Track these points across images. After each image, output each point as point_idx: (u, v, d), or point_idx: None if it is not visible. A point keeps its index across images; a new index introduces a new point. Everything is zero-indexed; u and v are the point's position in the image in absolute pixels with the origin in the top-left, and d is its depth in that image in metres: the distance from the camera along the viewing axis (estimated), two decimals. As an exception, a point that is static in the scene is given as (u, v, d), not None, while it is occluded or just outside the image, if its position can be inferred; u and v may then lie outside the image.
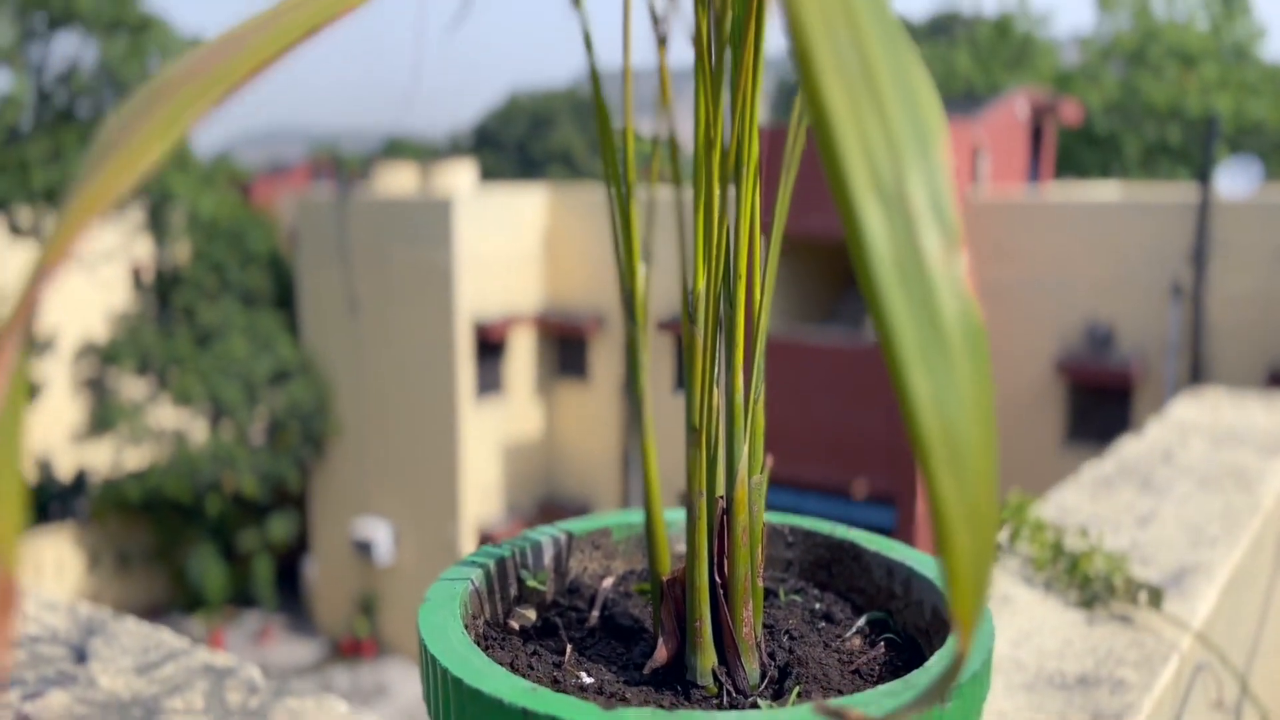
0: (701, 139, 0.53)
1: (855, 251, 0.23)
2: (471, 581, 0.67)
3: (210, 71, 0.29)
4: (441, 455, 15.45)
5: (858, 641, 0.68)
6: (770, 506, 0.70)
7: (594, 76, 0.56)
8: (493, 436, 15.71)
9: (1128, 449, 2.26)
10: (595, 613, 0.71)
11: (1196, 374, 11.70)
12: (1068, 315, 12.56)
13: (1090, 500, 1.84)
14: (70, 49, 15.35)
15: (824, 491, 12.48)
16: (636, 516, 0.77)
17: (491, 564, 0.70)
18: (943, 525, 0.21)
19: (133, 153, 0.27)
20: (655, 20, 0.50)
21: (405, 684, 15.46)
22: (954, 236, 0.23)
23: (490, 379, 15.69)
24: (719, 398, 0.62)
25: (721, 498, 0.63)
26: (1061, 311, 12.57)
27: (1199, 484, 1.95)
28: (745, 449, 0.62)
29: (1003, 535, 1.56)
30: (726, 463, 0.62)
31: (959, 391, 0.23)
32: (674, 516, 0.74)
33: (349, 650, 16.39)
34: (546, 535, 0.75)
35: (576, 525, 0.77)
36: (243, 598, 17.55)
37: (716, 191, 0.54)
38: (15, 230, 15.11)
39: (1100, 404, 12.56)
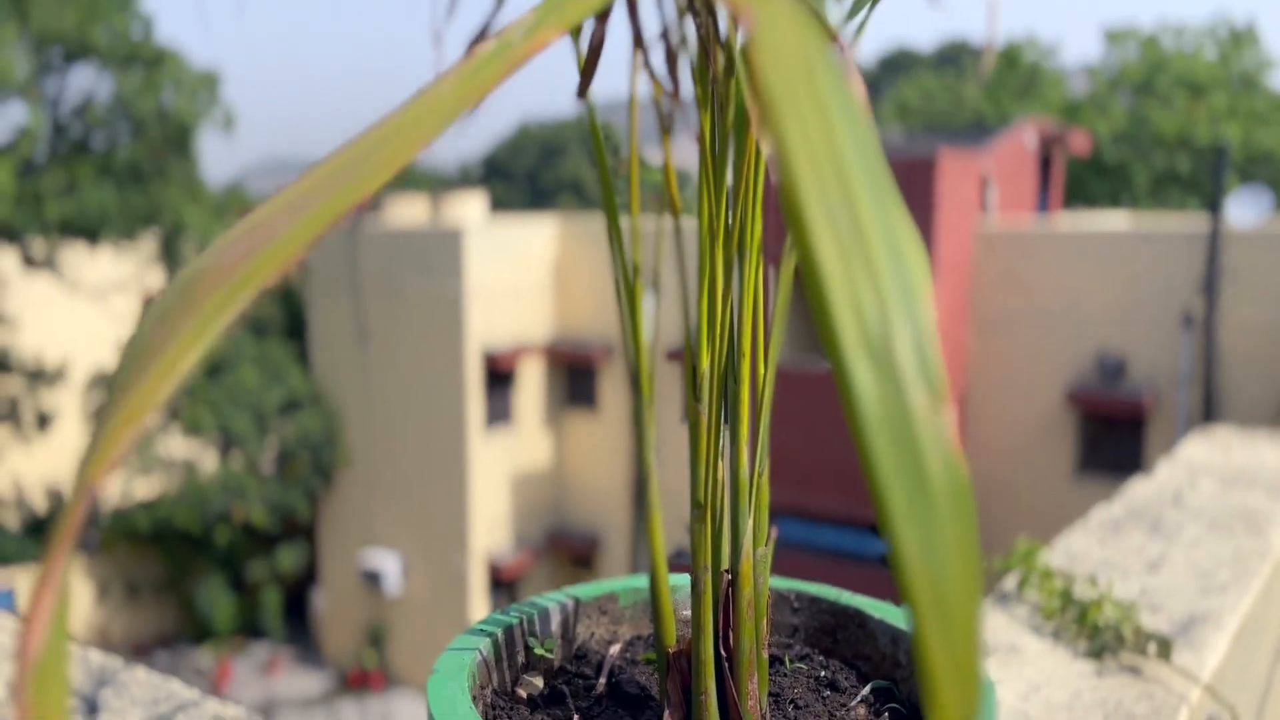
0: (705, 227, 0.54)
1: (846, 407, 0.24)
2: (480, 651, 0.68)
3: (242, 268, 0.30)
4: (450, 485, 15.44)
5: (862, 711, 0.69)
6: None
7: (602, 168, 0.57)
8: (502, 467, 15.71)
9: (1137, 490, 2.25)
10: (602, 680, 0.71)
11: (1209, 404, 11.65)
12: (1078, 345, 12.53)
13: (1099, 544, 1.83)
14: (85, 82, 15.53)
15: (835, 522, 12.43)
16: (642, 581, 0.78)
17: (499, 632, 0.71)
18: (930, 679, 0.22)
19: (169, 361, 0.28)
20: (661, 117, 0.51)
21: (413, 717, 15.39)
22: (939, 393, 0.24)
23: (499, 409, 15.71)
24: (724, 471, 0.63)
25: (727, 571, 0.64)
26: (1072, 341, 12.55)
27: (1209, 527, 1.95)
28: (750, 522, 0.63)
29: (1011, 583, 1.56)
30: (731, 536, 0.63)
31: (945, 545, 0.24)
32: (680, 581, 0.75)
33: (357, 682, 16.32)
34: (554, 601, 0.76)
35: (584, 590, 0.77)
36: (251, 628, 17.51)
37: (720, 276, 0.55)
38: (29, 261, 15.23)
39: (1112, 435, 12.51)
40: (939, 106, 25.04)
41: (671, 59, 0.49)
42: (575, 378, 16.35)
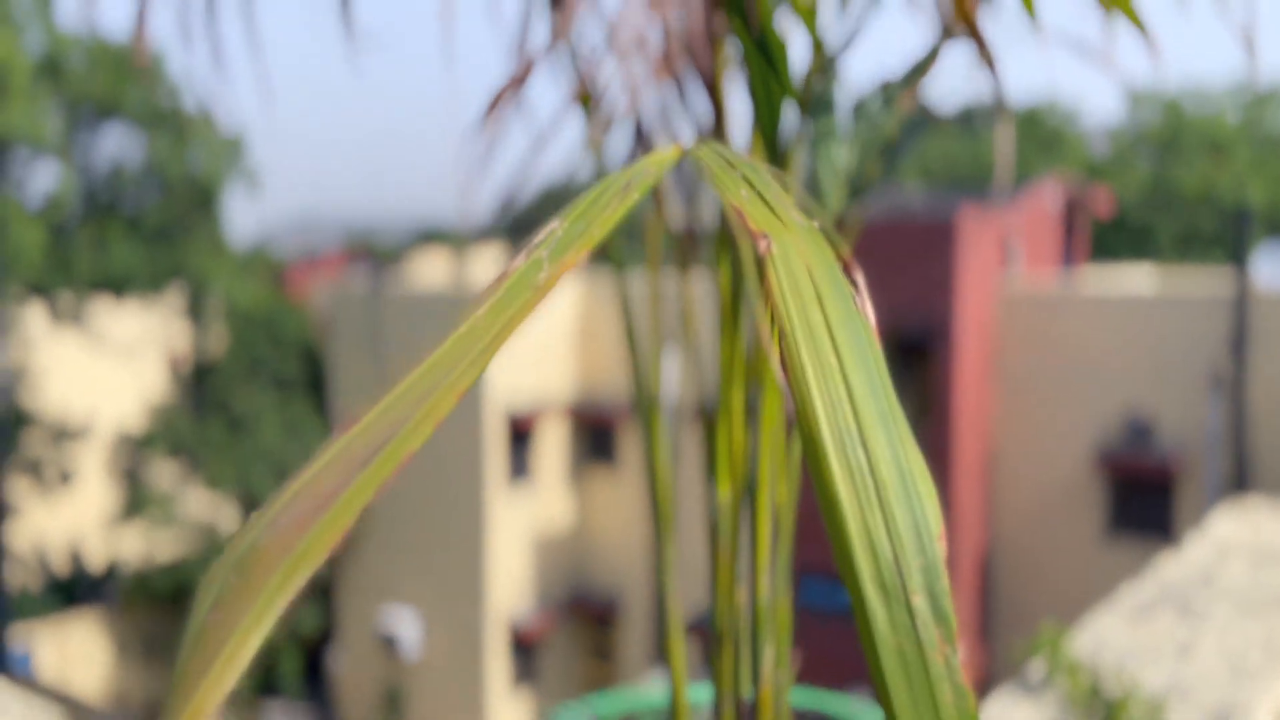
0: (725, 366, 0.54)
1: (864, 639, 0.24)
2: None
3: (297, 543, 0.30)
4: (469, 545, 15.38)
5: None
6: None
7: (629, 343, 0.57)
8: (522, 526, 15.64)
9: (1166, 570, 2.22)
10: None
11: (1240, 467, 11.48)
12: (1105, 406, 12.42)
13: (1128, 628, 1.80)
14: (116, 142, 15.86)
15: (857, 585, 12.27)
16: (662, 699, 0.77)
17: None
18: None
19: (231, 653, 0.29)
20: (684, 316, 0.52)
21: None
22: (950, 630, 0.24)
23: (520, 468, 15.68)
24: (743, 597, 0.63)
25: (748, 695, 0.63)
26: (1099, 402, 12.43)
27: (1239, 609, 1.91)
28: (770, 650, 0.62)
29: (1039, 669, 1.53)
30: (752, 663, 0.62)
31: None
32: (700, 695, 0.74)
33: (374, 744, 16.14)
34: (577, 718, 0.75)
35: (604, 707, 0.76)
36: (269, 689, 17.39)
37: (738, 412, 0.55)
38: (56, 317, 15.44)
39: (1141, 498, 12.34)
40: (960, 165, 25.15)
41: (690, 242, 0.50)
42: (597, 436, 16.33)
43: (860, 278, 0.33)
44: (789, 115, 0.65)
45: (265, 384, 16.97)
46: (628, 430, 15.70)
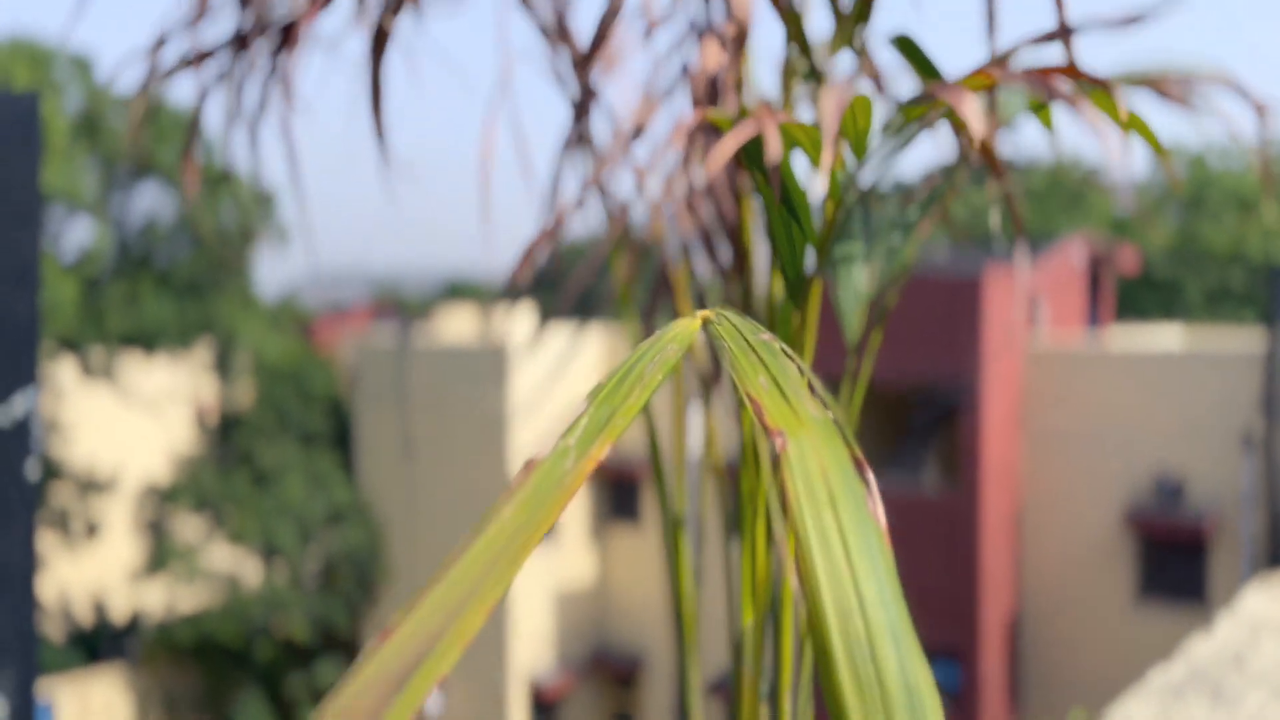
0: (746, 497, 0.53)
1: None
2: None
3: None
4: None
5: None
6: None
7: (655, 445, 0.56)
8: (544, 583, 15.54)
9: (1197, 651, 2.16)
10: None
11: (1275, 530, 11.26)
12: (1135, 466, 12.25)
13: (1159, 713, 1.74)
14: (150, 200, 16.15)
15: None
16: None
17: None
18: None
19: None
20: (708, 441, 0.51)
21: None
22: None
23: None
24: (766, 717, 0.61)
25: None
26: (1128, 462, 12.27)
27: (1273, 694, 1.85)
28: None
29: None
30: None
31: None
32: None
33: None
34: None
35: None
36: (287, 745, 17.24)
37: (761, 540, 0.54)
38: (87, 371, 15.62)
39: (1173, 559, 12.12)
40: (985, 220, 25.17)
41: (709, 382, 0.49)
42: (619, 491, 16.27)
43: (872, 478, 0.32)
44: (809, 254, 0.65)
45: (291, 437, 17.05)
46: (651, 484, 15.63)
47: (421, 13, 0.83)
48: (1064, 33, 0.92)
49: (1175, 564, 12.10)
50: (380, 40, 0.85)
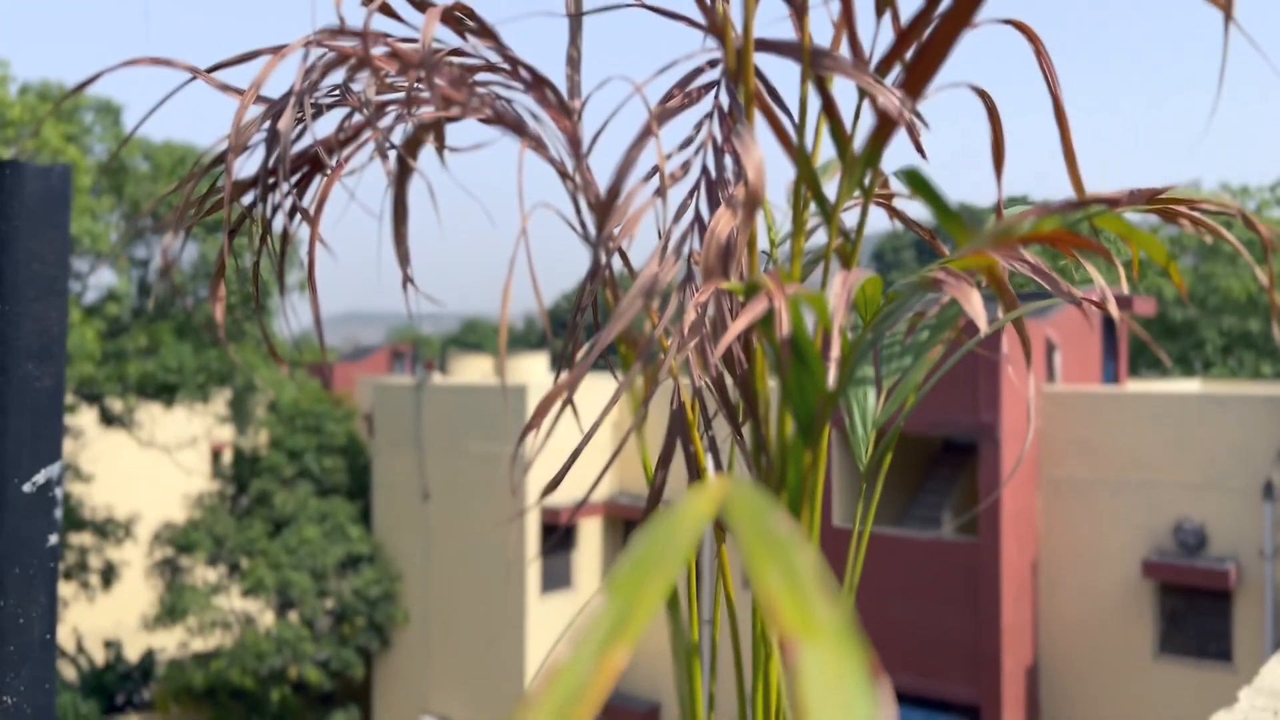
0: (759, 642, 0.53)
1: None
2: None
3: None
4: (508, 649, 15.17)
5: None
6: None
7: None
8: (560, 628, 15.42)
9: (1225, 730, 2.12)
10: None
11: (1296, 581, 11.10)
12: (1155, 514, 12.12)
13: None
14: (172, 245, 16.29)
15: (903, 700, 11.91)
16: None
17: None
18: None
19: None
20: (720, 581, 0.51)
21: None
22: None
23: (558, 569, 15.54)
24: None
25: None
26: (1148, 510, 12.14)
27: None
28: None
29: None
30: None
31: None
32: None
33: None
34: None
35: None
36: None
37: (775, 654, 0.53)
38: (106, 419, 15.69)
39: (1195, 611, 11.94)
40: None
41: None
42: (634, 535, 16.17)
43: (886, 687, 0.32)
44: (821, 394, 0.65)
45: (308, 483, 17.07)
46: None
47: (444, 146, 0.84)
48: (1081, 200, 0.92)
49: (1196, 614, 11.92)
50: (403, 174, 0.86)
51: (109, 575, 15.92)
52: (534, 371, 17.65)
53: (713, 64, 0.81)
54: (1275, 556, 11.43)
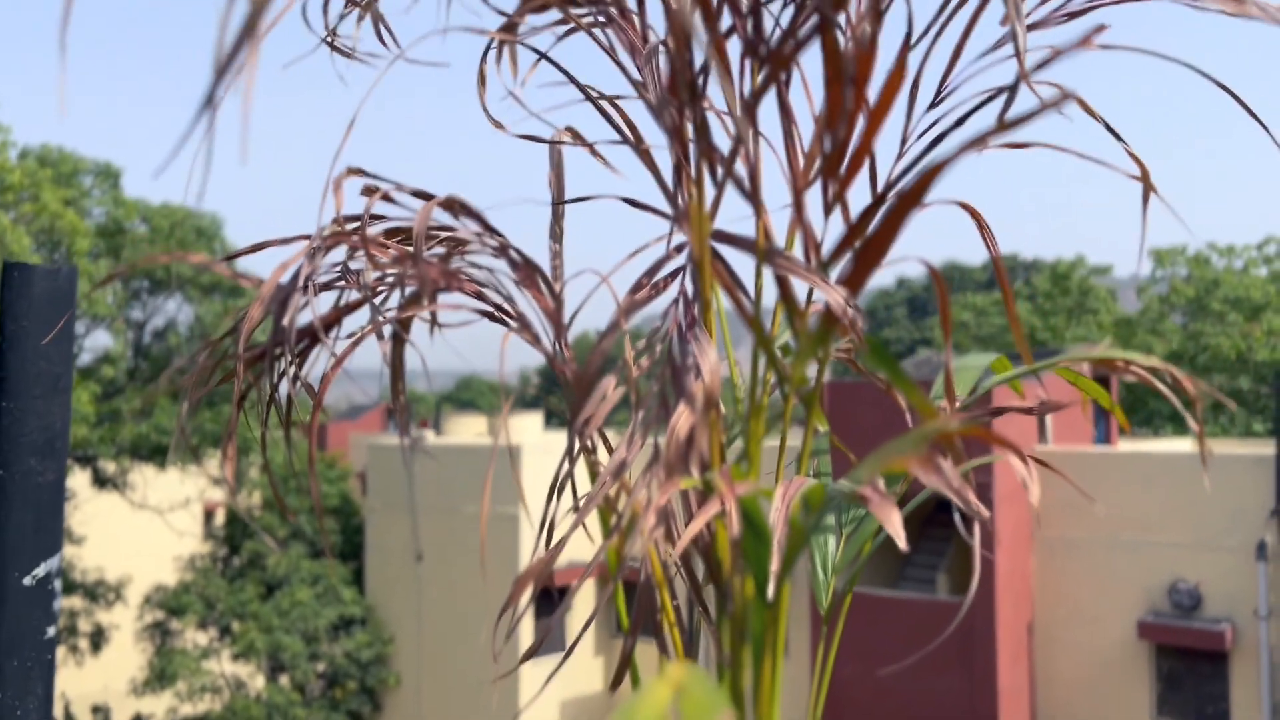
0: None
1: None
2: None
3: None
4: (500, 712, 15.01)
5: None
6: None
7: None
8: (553, 694, 15.28)
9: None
10: None
11: (1292, 642, 11.07)
12: (1150, 575, 12.11)
13: None
14: (169, 309, 16.40)
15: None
16: None
17: None
18: None
19: None
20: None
21: None
22: None
23: (551, 636, 15.43)
24: None
25: None
26: (1143, 570, 12.14)
27: None
28: None
29: None
30: None
31: None
32: None
33: None
34: None
35: None
36: None
37: None
38: (99, 481, 15.65)
39: (1192, 673, 11.88)
40: (990, 324, 25.32)
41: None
42: (629, 598, 16.08)
43: None
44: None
45: (300, 545, 16.99)
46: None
47: (436, 323, 0.91)
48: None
49: (1193, 676, 11.87)
50: (398, 348, 0.93)
51: (98, 639, 15.76)
52: (529, 431, 17.67)
53: (679, 249, 0.89)
54: (1270, 617, 11.42)
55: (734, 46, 0.83)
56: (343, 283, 0.94)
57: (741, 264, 0.91)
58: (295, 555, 16.67)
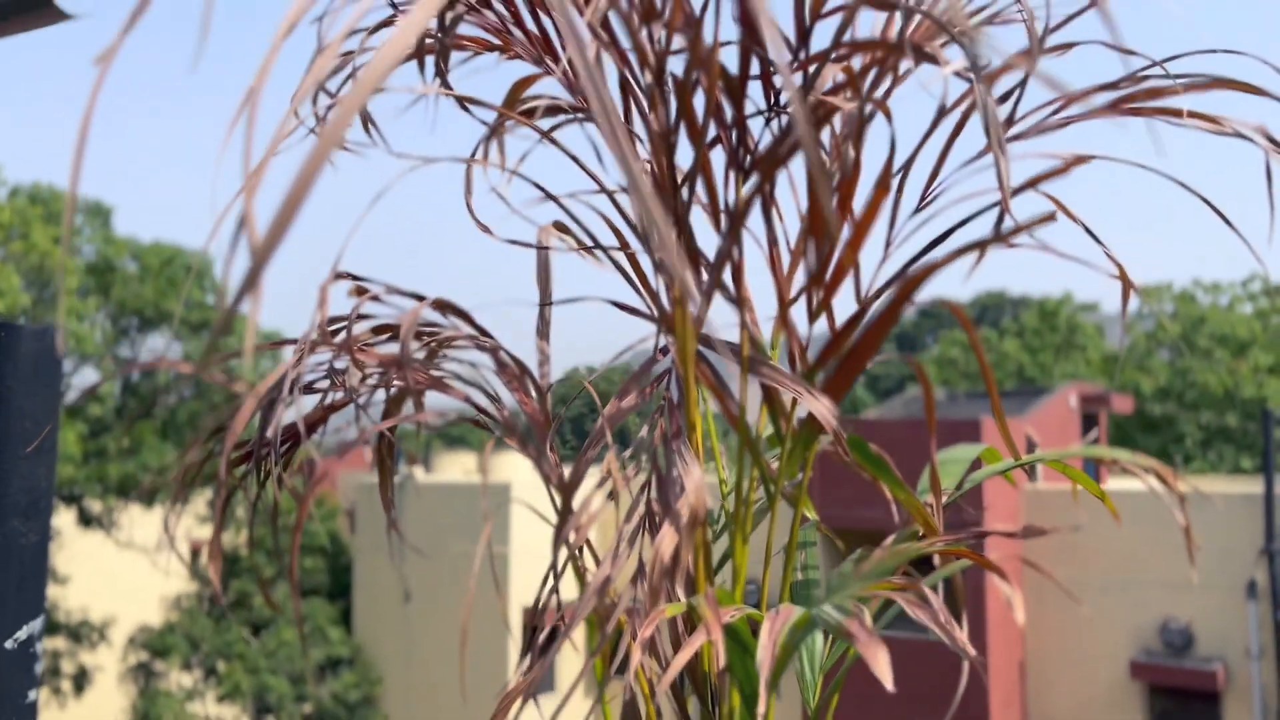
0: None
1: None
2: None
3: None
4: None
5: None
6: None
7: None
8: (542, 735, 15.10)
9: None
10: None
11: (1284, 683, 11.04)
12: (1141, 615, 12.08)
13: None
14: (158, 346, 16.34)
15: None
16: None
17: None
18: None
19: None
20: None
21: None
22: None
23: (542, 678, 15.28)
24: None
25: None
26: (1134, 611, 12.10)
27: None
28: None
29: None
30: None
31: None
32: None
33: None
34: None
35: None
36: None
37: None
38: (85, 521, 15.53)
39: (1185, 712, 11.83)
40: (977, 362, 25.40)
41: None
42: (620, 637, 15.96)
43: None
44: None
45: (288, 584, 16.84)
46: (651, 633, 15.32)
47: (423, 425, 0.91)
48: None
49: (1186, 715, 11.81)
50: (383, 460, 0.93)
51: (82, 680, 15.56)
52: (519, 469, 17.60)
53: (664, 351, 0.89)
54: (1261, 657, 11.39)
55: (719, 154, 0.84)
56: (329, 383, 0.94)
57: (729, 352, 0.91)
58: (282, 595, 16.52)
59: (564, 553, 0.85)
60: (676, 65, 0.73)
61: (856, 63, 0.75)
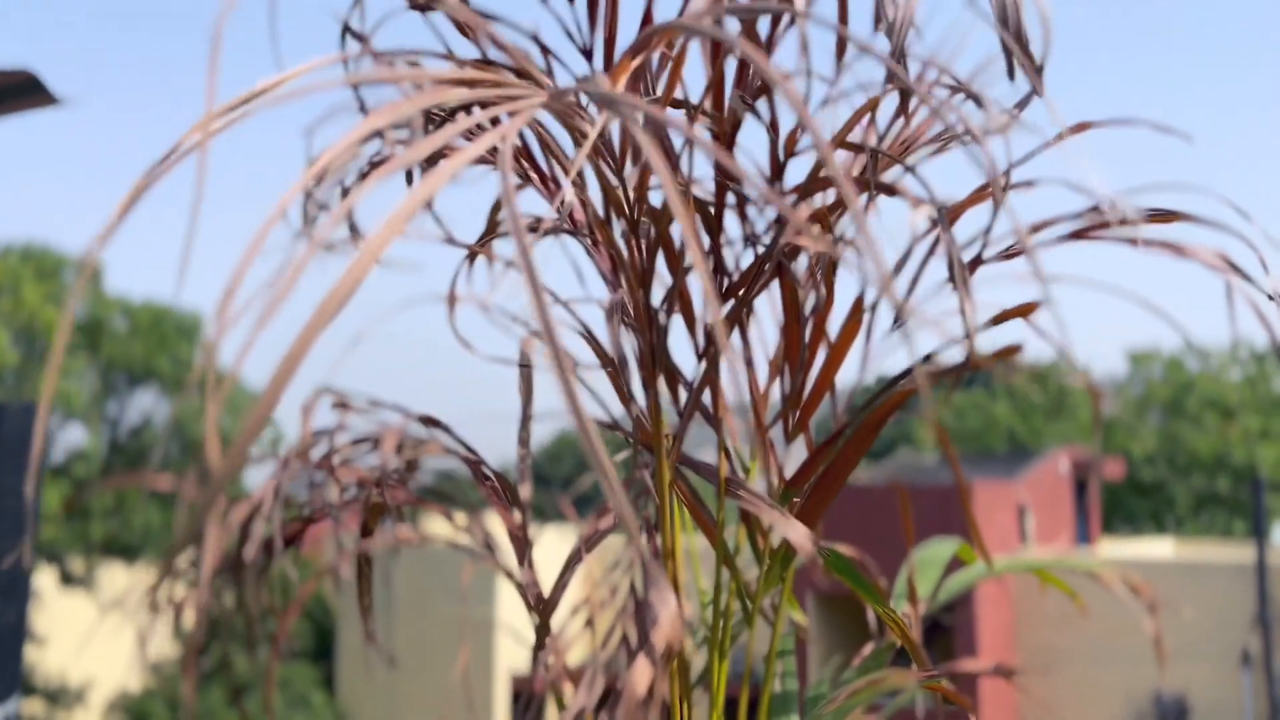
0: None
1: None
2: None
3: None
4: (473, 825, 14.54)
5: None
6: None
7: None
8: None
9: None
10: None
11: (1280, 755, 10.91)
12: (1135, 683, 11.97)
13: None
14: (146, 405, 16.28)
15: None
16: None
17: None
18: None
19: None
20: None
21: None
22: None
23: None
24: None
25: None
26: (1128, 679, 11.99)
27: None
28: None
29: None
30: None
31: None
32: None
33: None
34: None
35: None
36: None
37: None
38: (66, 580, 15.34)
39: (1180, 786, 11.67)
40: (970, 424, 25.42)
41: None
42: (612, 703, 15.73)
43: None
44: None
45: (269, 646, 16.59)
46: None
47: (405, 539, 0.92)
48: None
49: (1183, 790, 11.65)
50: (364, 570, 0.93)
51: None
52: (504, 535, 17.45)
53: (645, 465, 0.90)
54: (1256, 728, 11.27)
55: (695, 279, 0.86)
56: (309, 498, 0.95)
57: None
58: (265, 659, 16.28)
59: (542, 675, 0.85)
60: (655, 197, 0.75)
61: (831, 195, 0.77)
